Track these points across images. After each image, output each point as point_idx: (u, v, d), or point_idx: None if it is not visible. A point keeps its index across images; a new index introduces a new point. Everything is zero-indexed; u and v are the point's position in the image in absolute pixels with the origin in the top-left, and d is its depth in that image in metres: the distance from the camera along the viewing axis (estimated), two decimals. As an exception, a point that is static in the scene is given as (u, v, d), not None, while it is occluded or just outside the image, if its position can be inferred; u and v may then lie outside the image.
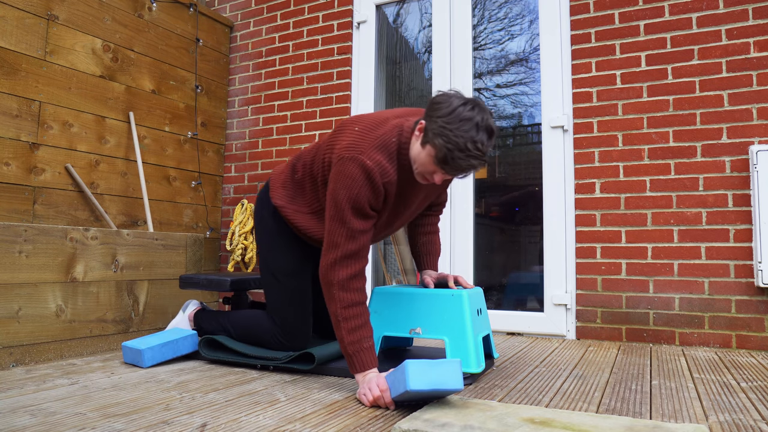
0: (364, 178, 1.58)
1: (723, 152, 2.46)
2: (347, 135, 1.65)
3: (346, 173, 1.59)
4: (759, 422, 1.31)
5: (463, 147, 1.47)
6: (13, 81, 2.54)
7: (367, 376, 1.52)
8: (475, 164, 1.51)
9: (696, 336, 2.44)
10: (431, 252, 2.02)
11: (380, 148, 1.61)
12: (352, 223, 1.59)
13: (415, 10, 3.36)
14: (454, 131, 1.47)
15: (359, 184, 1.58)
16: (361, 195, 1.58)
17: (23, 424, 1.26)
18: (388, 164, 1.61)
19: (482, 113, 1.51)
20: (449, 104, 1.51)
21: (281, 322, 1.93)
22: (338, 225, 1.60)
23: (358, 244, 1.60)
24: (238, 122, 3.71)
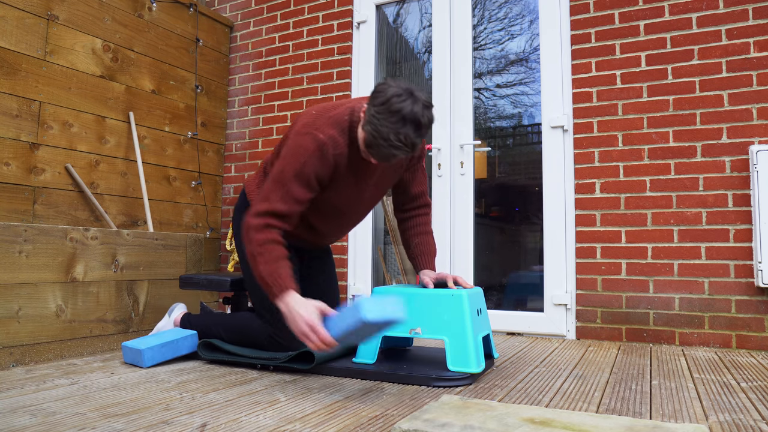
0: (315, 148, 1.68)
1: (723, 152, 2.46)
2: (303, 118, 1.77)
3: (299, 144, 1.70)
4: (759, 422, 1.31)
5: (386, 137, 1.56)
6: (13, 81, 2.54)
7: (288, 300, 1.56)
8: (397, 154, 1.60)
9: (696, 336, 2.44)
10: (426, 252, 2.04)
11: (333, 124, 1.73)
12: (291, 187, 1.69)
13: (415, 10, 3.36)
14: (381, 121, 1.56)
15: (309, 153, 1.68)
16: (309, 164, 1.68)
17: (23, 424, 1.26)
18: (340, 138, 1.72)
19: (414, 105, 1.57)
20: (384, 94, 1.58)
21: (275, 322, 1.93)
22: (278, 185, 1.69)
23: (288, 208, 1.68)
24: (238, 122, 3.71)
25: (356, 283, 3.25)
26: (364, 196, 1.92)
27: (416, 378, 1.68)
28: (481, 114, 3.14)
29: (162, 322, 2.25)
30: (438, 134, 3.09)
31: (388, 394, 1.56)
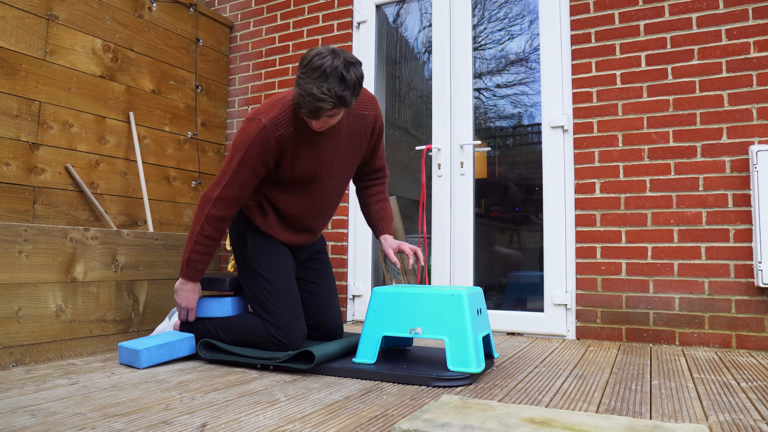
0: (258, 134, 1.83)
1: (723, 152, 2.46)
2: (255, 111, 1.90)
3: (245, 130, 1.86)
4: (759, 422, 1.31)
5: (310, 92, 1.68)
6: (13, 81, 2.54)
7: (187, 285, 2.02)
8: (322, 106, 1.69)
9: (696, 336, 2.44)
10: (386, 218, 2.20)
11: (277, 105, 1.87)
12: (238, 174, 1.88)
13: (415, 10, 3.36)
14: (305, 79, 1.69)
15: (251, 139, 1.84)
16: (252, 150, 1.84)
17: (23, 424, 1.26)
18: (284, 116, 1.86)
19: (334, 59, 1.67)
20: (307, 56, 1.71)
21: (276, 320, 1.94)
22: (228, 170, 1.89)
23: (235, 193, 1.90)
24: (238, 122, 3.71)
25: (356, 283, 3.25)
26: (326, 172, 2.01)
27: (416, 378, 1.68)
28: (481, 114, 3.14)
29: (162, 325, 2.24)
30: (438, 134, 3.09)
31: (388, 394, 1.56)
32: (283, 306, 1.96)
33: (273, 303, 1.96)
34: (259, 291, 1.99)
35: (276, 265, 2.02)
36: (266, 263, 2.02)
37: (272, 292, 1.98)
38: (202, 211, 1.93)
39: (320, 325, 2.19)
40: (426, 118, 3.24)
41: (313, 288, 2.20)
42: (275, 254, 2.05)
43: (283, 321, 1.95)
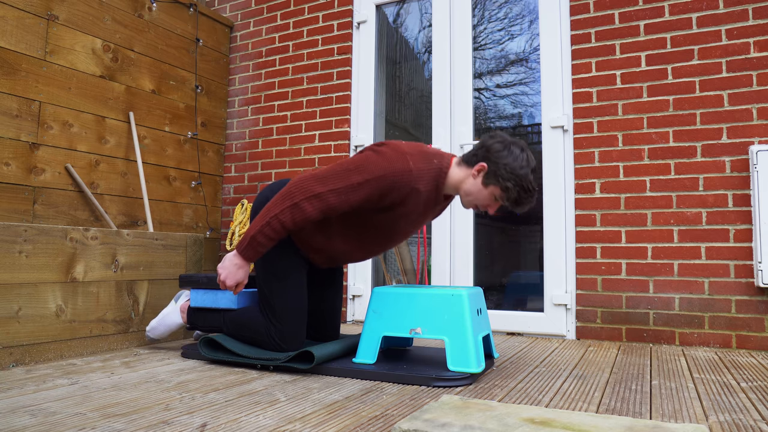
0: (399, 172, 1.71)
1: (723, 152, 2.46)
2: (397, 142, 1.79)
3: (388, 159, 1.72)
4: (759, 422, 1.31)
5: (528, 188, 1.76)
6: (13, 81, 2.54)
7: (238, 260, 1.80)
8: (532, 201, 1.80)
9: (696, 336, 2.44)
10: None
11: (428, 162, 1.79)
12: (351, 190, 1.71)
13: (415, 10, 3.36)
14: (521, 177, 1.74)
15: (389, 172, 1.70)
16: (381, 182, 1.70)
17: (23, 424, 1.26)
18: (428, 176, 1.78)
19: (529, 155, 1.78)
20: (511, 152, 1.75)
21: (278, 325, 1.94)
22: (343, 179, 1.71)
23: (336, 202, 1.72)
24: (238, 122, 3.71)
25: (356, 283, 3.25)
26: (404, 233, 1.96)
27: (416, 378, 1.68)
28: (481, 114, 3.13)
29: (167, 309, 2.28)
30: (438, 134, 3.09)
31: (388, 394, 1.56)
32: (290, 312, 1.95)
33: (281, 307, 1.95)
34: (270, 291, 1.97)
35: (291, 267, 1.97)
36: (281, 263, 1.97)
37: (282, 296, 1.95)
38: (293, 197, 1.72)
39: (320, 328, 2.19)
40: (426, 118, 3.24)
41: (321, 293, 2.19)
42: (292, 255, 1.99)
43: (287, 327, 1.94)
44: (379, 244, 1.95)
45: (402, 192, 1.74)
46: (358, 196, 1.72)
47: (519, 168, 1.74)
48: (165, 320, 2.26)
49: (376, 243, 1.94)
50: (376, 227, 1.86)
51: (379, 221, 1.84)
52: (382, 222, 1.84)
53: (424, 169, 1.76)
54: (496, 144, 1.77)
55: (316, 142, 3.40)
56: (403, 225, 1.89)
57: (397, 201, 1.77)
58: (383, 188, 1.71)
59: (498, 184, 1.76)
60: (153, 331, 2.26)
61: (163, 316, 2.27)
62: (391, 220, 1.84)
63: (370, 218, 1.84)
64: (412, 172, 1.73)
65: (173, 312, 2.26)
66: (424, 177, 1.77)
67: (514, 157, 1.74)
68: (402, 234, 1.95)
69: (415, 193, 1.77)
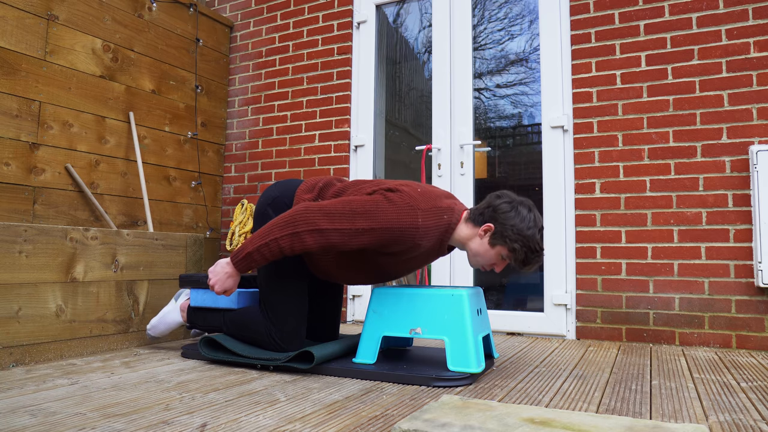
0: (406, 229, 1.71)
1: (723, 152, 2.46)
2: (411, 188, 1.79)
3: (398, 212, 1.71)
4: (759, 422, 1.31)
5: (535, 249, 1.76)
6: (13, 81, 2.54)
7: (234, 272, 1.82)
8: (540, 260, 1.80)
9: (696, 336, 2.44)
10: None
11: (436, 218, 1.77)
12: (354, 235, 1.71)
13: (415, 10, 3.36)
14: (529, 238, 1.74)
15: (395, 227, 1.70)
16: (386, 235, 1.71)
17: (23, 424, 1.26)
18: (434, 232, 1.77)
19: (537, 215, 1.80)
20: (518, 213, 1.77)
21: (278, 325, 1.94)
22: (349, 222, 1.70)
23: (337, 242, 1.71)
24: (238, 122, 3.71)
25: (356, 283, 3.25)
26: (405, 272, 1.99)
27: (416, 378, 1.68)
28: (481, 114, 3.13)
29: (167, 307, 2.28)
30: (438, 134, 3.09)
31: (388, 394, 1.56)
32: (291, 312, 1.95)
33: (281, 307, 1.95)
34: (270, 290, 1.97)
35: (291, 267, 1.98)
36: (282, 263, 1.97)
37: (283, 296, 1.96)
38: (296, 225, 1.70)
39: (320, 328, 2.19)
40: (426, 118, 3.24)
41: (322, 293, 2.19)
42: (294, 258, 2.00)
43: (287, 327, 1.95)
44: (381, 278, 1.98)
45: (404, 245, 1.75)
46: (359, 241, 1.71)
47: (526, 229, 1.74)
48: (165, 319, 2.27)
49: (378, 276, 1.96)
50: (377, 265, 1.89)
51: (380, 261, 1.86)
52: (383, 262, 1.87)
53: (432, 227, 1.76)
54: (503, 204, 1.78)
55: (316, 142, 3.40)
56: (404, 267, 1.91)
57: (400, 251, 1.79)
58: (387, 239, 1.72)
59: (505, 244, 1.76)
60: (153, 329, 2.27)
61: (163, 315, 2.27)
62: (392, 263, 1.86)
63: (371, 257, 1.85)
64: (419, 229, 1.72)
65: (173, 311, 2.26)
66: (430, 234, 1.76)
67: (522, 218, 1.75)
68: (404, 273, 1.98)
69: (417, 248, 1.78)
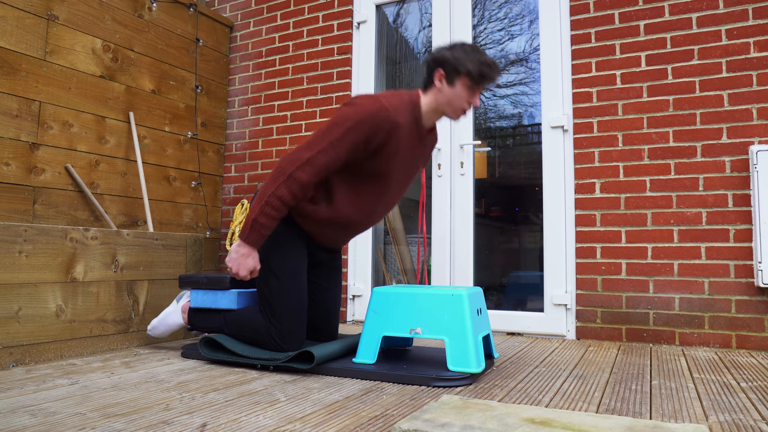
0: (376, 111, 1.76)
1: (723, 152, 2.46)
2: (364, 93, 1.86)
3: (360, 105, 1.78)
4: (759, 422, 1.31)
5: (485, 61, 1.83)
6: (13, 81, 2.54)
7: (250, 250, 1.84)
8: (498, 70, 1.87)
9: (696, 336, 2.44)
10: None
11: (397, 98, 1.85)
12: (337, 143, 1.77)
13: (415, 10, 3.36)
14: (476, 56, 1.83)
15: (366, 116, 1.76)
16: (363, 126, 1.76)
17: (23, 424, 1.26)
18: (404, 108, 1.84)
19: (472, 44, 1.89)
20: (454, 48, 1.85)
21: (278, 325, 1.94)
22: (326, 137, 1.78)
23: (326, 161, 1.78)
24: (238, 122, 3.71)
25: (356, 283, 3.25)
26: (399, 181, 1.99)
27: (416, 378, 1.68)
28: (481, 114, 3.14)
29: (168, 309, 2.29)
30: (438, 134, 3.09)
31: (388, 394, 1.56)
32: (290, 311, 1.95)
33: (280, 306, 1.95)
34: (269, 290, 1.97)
35: (290, 266, 1.97)
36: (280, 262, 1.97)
37: (281, 294, 1.96)
38: (285, 171, 1.78)
39: (319, 328, 2.19)
40: (426, 118, 3.24)
41: (321, 292, 2.19)
42: (291, 254, 1.99)
43: (286, 326, 1.94)
44: (378, 197, 1.95)
45: (384, 129, 1.78)
46: (345, 147, 1.77)
47: (468, 53, 1.83)
48: (165, 320, 2.27)
49: (375, 196, 1.94)
50: (370, 176, 1.89)
51: (371, 168, 1.87)
52: (374, 168, 1.87)
53: (397, 103, 1.83)
54: (437, 51, 1.88)
55: (316, 142, 3.40)
56: (396, 169, 1.91)
57: (383, 141, 1.81)
58: (366, 131, 1.76)
59: (460, 73, 1.83)
60: (153, 330, 2.27)
61: (164, 316, 2.27)
62: (383, 165, 1.87)
63: (362, 167, 1.87)
64: (387, 108, 1.78)
65: (174, 312, 2.27)
66: (400, 110, 1.82)
67: (459, 49, 1.85)
68: (397, 182, 1.96)
69: (396, 128, 1.81)
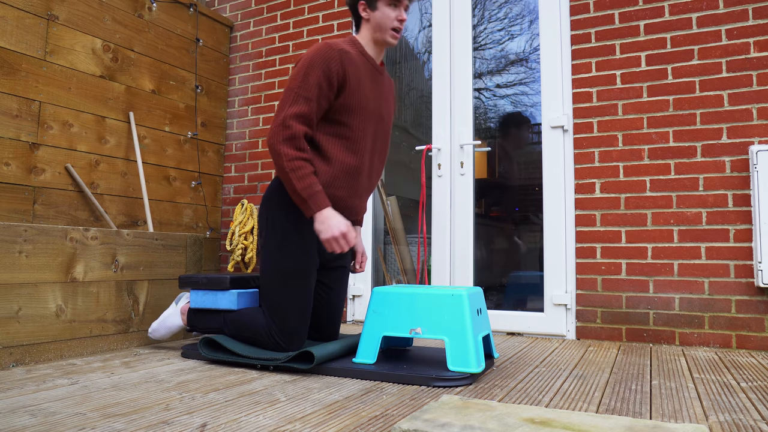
0: (323, 49, 1.88)
1: (723, 152, 2.46)
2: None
3: (308, 53, 1.90)
4: (759, 422, 1.31)
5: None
6: (13, 81, 2.54)
7: (324, 213, 1.83)
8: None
9: (696, 336, 2.44)
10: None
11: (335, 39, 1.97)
12: (299, 89, 1.85)
13: (415, 10, 3.36)
14: None
15: (315, 55, 1.87)
16: (317, 66, 1.85)
17: (23, 424, 1.26)
18: (346, 43, 1.97)
19: None
20: None
21: (281, 324, 1.93)
22: (289, 92, 1.87)
23: (300, 108, 1.85)
24: (238, 122, 3.71)
25: (356, 283, 3.25)
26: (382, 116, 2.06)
27: (416, 378, 1.69)
28: (481, 114, 3.14)
29: (168, 311, 2.29)
30: (438, 134, 3.09)
31: (388, 394, 1.56)
32: (294, 311, 1.94)
33: (284, 306, 1.94)
34: (273, 290, 1.95)
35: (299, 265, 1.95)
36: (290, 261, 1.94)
37: (286, 294, 1.94)
38: (276, 140, 1.83)
39: (321, 328, 2.19)
40: (426, 118, 3.24)
41: (327, 292, 2.18)
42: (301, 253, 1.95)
43: (289, 326, 1.94)
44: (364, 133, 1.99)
45: (335, 59, 1.87)
46: (311, 91, 1.85)
47: None
48: (165, 322, 2.27)
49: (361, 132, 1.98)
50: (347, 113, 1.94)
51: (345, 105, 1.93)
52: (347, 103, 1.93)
53: (338, 42, 1.94)
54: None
55: (316, 142, 3.40)
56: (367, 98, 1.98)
57: (341, 73, 1.89)
58: (322, 67, 1.85)
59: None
60: (154, 333, 2.27)
61: (164, 318, 2.27)
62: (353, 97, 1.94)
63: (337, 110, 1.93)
64: (330, 44, 1.90)
65: (174, 314, 2.27)
66: (341, 43, 1.94)
67: None
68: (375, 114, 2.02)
69: (346, 54, 1.91)
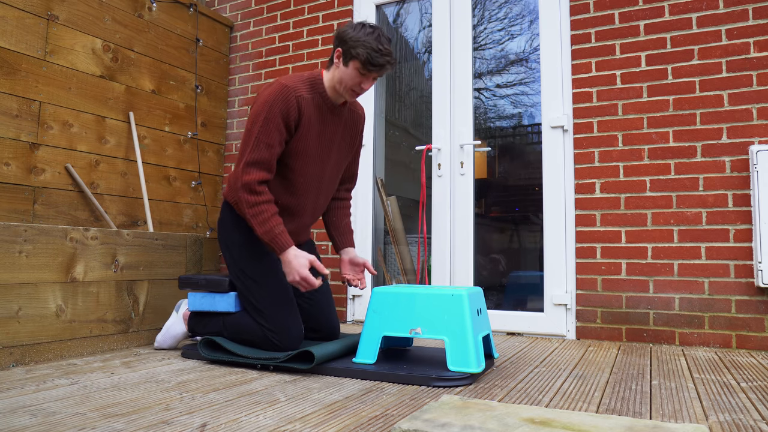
0: (280, 91, 1.90)
1: (723, 152, 2.46)
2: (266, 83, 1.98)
3: (264, 92, 1.92)
4: (759, 422, 1.31)
5: (377, 49, 1.89)
6: (13, 81, 2.54)
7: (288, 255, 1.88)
8: (389, 60, 1.92)
9: (696, 336, 2.44)
10: (351, 231, 2.31)
11: (294, 78, 1.97)
12: (260, 135, 1.88)
13: (415, 10, 3.36)
14: (368, 41, 1.88)
15: (274, 98, 1.88)
16: (275, 108, 1.88)
17: (23, 424, 1.26)
18: (303, 85, 1.96)
19: (379, 28, 1.93)
20: (357, 28, 1.92)
21: (271, 322, 1.95)
22: (247, 137, 1.91)
23: (261, 154, 1.88)
24: (238, 122, 3.71)
25: (356, 283, 3.25)
26: (327, 157, 2.07)
27: (416, 378, 1.69)
28: (481, 114, 3.13)
29: (170, 320, 2.29)
30: (438, 134, 3.09)
31: (388, 394, 1.56)
32: (274, 307, 1.97)
33: (263, 305, 1.97)
34: (248, 292, 2.01)
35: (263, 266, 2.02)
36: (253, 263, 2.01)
37: (261, 292, 1.98)
38: (237, 187, 1.88)
39: (319, 328, 2.20)
40: (426, 118, 3.24)
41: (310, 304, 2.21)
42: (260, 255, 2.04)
43: (276, 323, 1.95)
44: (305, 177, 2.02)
45: (292, 103, 1.90)
46: (272, 136, 1.88)
47: (365, 35, 1.89)
48: (170, 332, 2.27)
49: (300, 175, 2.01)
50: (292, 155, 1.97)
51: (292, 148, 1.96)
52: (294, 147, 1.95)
53: (296, 80, 1.95)
54: (343, 29, 1.94)
55: (316, 142, 3.40)
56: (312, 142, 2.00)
57: (297, 116, 1.92)
58: (280, 110, 1.88)
59: (351, 55, 1.90)
60: (161, 344, 2.29)
61: (168, 328, 2.28)
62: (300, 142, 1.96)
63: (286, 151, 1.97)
64: (287, 86, 1.91)
65: (177, 322, 2.27)
66: (300, 86, 1.94)
67: (361, 31, 1.90)
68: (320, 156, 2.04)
69: (303, 101, 1.93)
